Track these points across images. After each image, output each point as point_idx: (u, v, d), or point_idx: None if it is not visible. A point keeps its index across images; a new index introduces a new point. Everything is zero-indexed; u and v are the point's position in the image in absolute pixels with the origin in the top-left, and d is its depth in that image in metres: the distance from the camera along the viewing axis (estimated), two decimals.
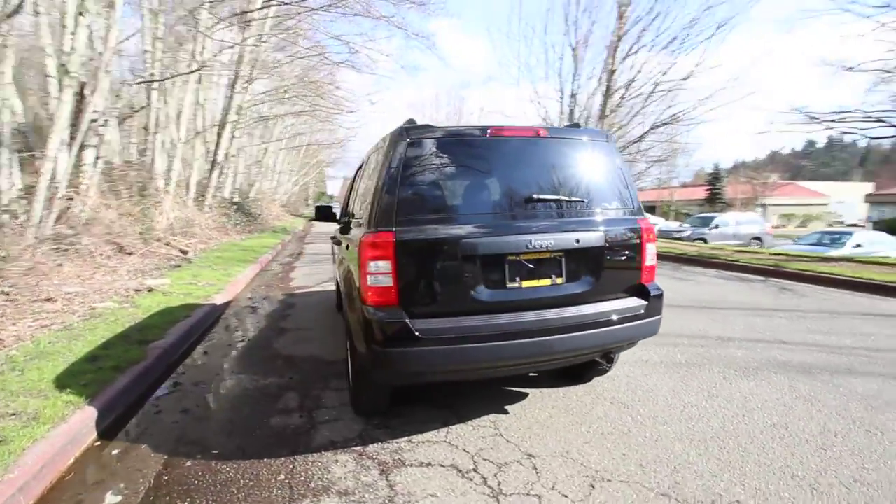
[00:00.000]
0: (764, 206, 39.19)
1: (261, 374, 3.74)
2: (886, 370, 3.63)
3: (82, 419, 2.72)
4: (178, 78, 12.12)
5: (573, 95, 16.71)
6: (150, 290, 6.16)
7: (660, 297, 2.72)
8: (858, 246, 11.73)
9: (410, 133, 2.43)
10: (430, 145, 2.44)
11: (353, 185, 4.23)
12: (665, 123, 16.25)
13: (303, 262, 10.82)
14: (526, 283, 2.44)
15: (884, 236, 13.21)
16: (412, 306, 2.30)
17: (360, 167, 3.84)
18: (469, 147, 2.52)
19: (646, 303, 2.64)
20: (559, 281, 2.50)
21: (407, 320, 2.24)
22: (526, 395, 3.24)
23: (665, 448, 2.54)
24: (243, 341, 4.68)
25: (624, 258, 2.65)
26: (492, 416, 2.93)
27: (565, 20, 16.34)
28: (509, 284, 2.41)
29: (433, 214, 2.37)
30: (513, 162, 2.55)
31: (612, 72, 16.13)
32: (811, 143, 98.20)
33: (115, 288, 6.12)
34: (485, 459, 2.46)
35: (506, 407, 3.06)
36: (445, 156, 2.46)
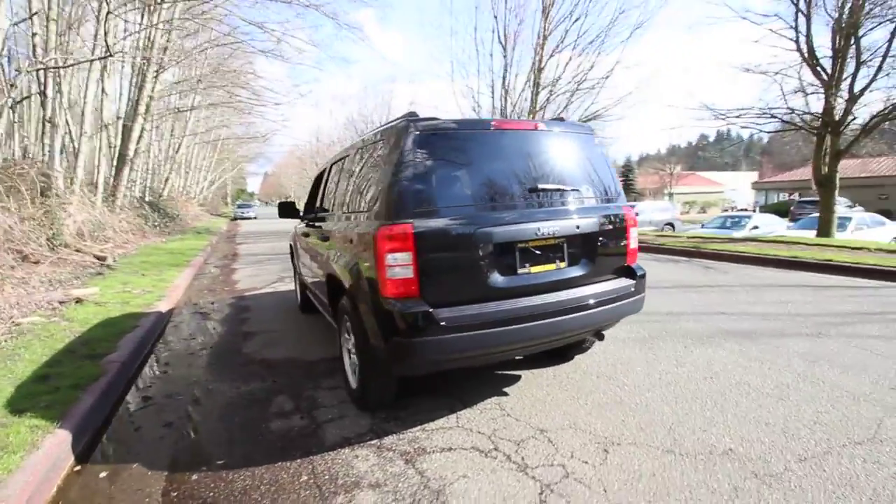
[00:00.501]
0: (671, 194, 43.15)
1: (240, 381, 3.54)
2: (810, 330, 4.26)
3: (56, 443, 2.44)
4: (80, 65, 10.82)
5: (505, 91, 17.23)
6: (79, 300, 5.53)
7: (644, 276, 2.98)
8: (756, 227, 13.36)
9: (419, 125, 2.45)
10: (438, 137, 2.47)
11: (324, 179, 4.10)
12: (588, 119, 17.29)
13: (241, 264, 10.22)
14: (534, 269, 2.57)
15: (774, 218, 15.18)
16: (432, 296, 2.33)
17: (338, 161, 3.75)
18: (474, 139, 2.58)
19: (634, 282, 2.89)
20: (562, 265, 2.66)
21: (431, 310, 2.27)
22: (519, 377, 3.39)
23: (656, 411, 2.80)
24: (206, 348, 4.38)
25: (613, 242, 2.88)
26: (494, 399, 3.04)
27: (494, 17, 16.78)
28: (520, 270, 2.53)
29: (446, 205, 2.42)
30: (515, 154, 2.65)
31: (540, 69, 16.85)
32: (704, 137, 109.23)
33: (34, 301, 5.42)
34: (501, 438, 2.56)
35: (504, 389, 3.18)
36: (453, 147, 2.51)
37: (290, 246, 5.91)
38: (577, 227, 2.66)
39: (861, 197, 24.32)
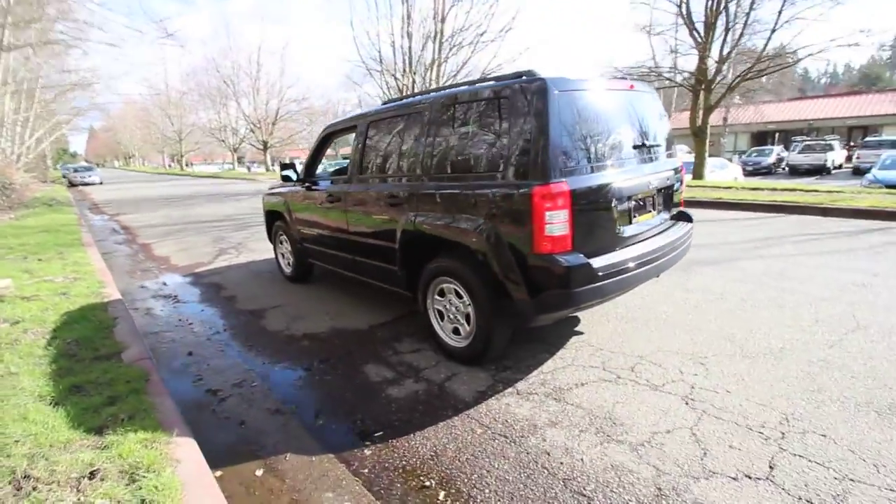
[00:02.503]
0: None
1: (304, 357, 3.34)
2: (751, 254, 5.36)
3: (190, 451, 2.14)
4: None
5: (409, 37, 16.69)
6: None
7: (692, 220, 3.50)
8: None
9: (558, 83, 2.48)
10: (575, 96, 2.53)
11: (359, 140, 3.74)
12: (488, 78, 17.67)
13: (151, 238, 8.81)
14: (641, 218, 2.88)
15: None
16: (581, 249, 2.50)
17: (386, 119, 3.51)
18: (600, 98, 2.71)
19: (691, 225, 3.39)
20: (655, 214, 3.02)
21: (590, 261, 2.45)
22: (578, 318, 3.75)
23: (707, 330, 3.39)
24: (220, 332, 3.93)
25: (676, 191, 3.31)
26: (576, 339, 3.37)
27: None
28: (633, 220, 2.81)
29: (588, 162, 2.55)
30: (627, 112, 2.88)
31: (443, 19, 16.61)
32: None
33: None
34: (615, 367, 2.91)
35: (575, 329, 3.53)
36: (587, 106, 2.59)
37: (271, 213, 5.35)
38: (667, 179, 3.02)
39: (690, 145, 29.33)
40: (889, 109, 27.79)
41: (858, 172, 17.83)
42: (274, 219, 5.30)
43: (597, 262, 2.50)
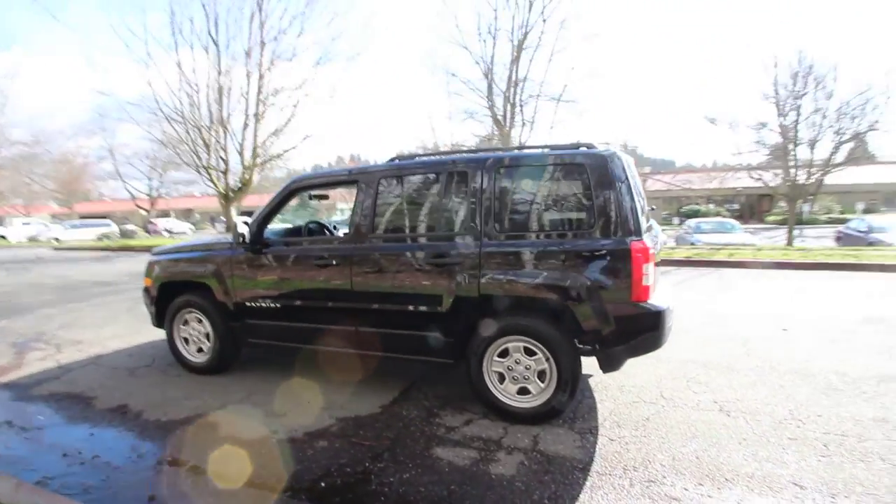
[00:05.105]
0: None
1: (339, 460, 2.64)
2: None
3: None
4: None
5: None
6: None
7: None
8: None
9: (617, 154, 2.83)
10: (625, 165, 2.91)
11: (372, 199, 3.33)
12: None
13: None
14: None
15: None
16: None
17: (413, 176, 3.31)
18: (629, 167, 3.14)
19: None
20: None
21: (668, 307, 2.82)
22: None
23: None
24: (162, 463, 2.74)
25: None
26: (591, 381, 3.64)
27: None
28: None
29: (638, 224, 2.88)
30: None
31: (260, 76, 15.93)
32: None
33: None
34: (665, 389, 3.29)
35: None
36: (629, 174, 2.97)
37: (173, 285, 4.04)
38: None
39: None
40: None
41: None
42: (176, 293, 4.03)
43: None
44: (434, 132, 19.01)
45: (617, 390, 3.45)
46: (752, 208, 36.12)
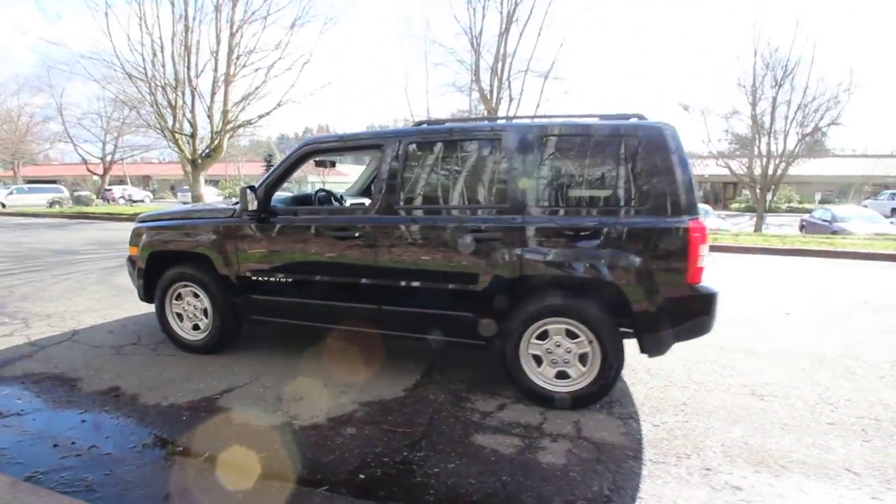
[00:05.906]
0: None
1: (376, 446, 2.44)
2: None
3: None
4: None
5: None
6: None
7: None
8: None
9: (671, 126, 2.65)
10: (678, 136, 2.74)
11: (398, 168, 3.01)
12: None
13: None
14: None
15: None
16: None
17: (429, 142, 2.95)
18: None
19: None
20: None
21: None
22: None
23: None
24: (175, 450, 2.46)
25: None
26: None
27: None
28: None
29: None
30: None
31: (231, 34, 14.90)
32: None
33: None
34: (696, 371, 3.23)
35: None
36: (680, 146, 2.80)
37: (164, 255, 3.63)
38: None
39: None
40: None
41: None
42: (168, 264, 3.64)
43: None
44: (410, 106, 18.49)
45: (645, 373, 3.37)
46: (717, 195, 37.38)
